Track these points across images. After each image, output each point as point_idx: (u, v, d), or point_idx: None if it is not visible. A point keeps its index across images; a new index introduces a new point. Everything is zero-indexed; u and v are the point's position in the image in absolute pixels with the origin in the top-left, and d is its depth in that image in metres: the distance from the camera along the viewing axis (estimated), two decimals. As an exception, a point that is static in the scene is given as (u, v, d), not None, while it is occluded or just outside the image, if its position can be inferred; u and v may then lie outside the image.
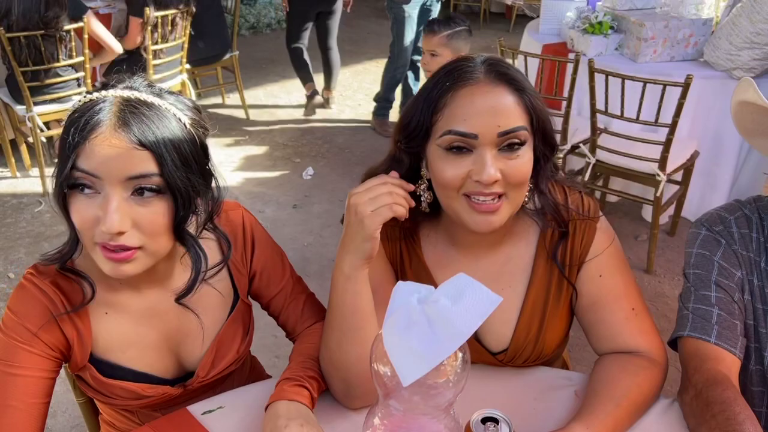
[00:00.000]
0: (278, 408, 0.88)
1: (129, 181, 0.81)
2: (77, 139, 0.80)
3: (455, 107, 0.91)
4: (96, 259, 0.85)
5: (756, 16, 2.69)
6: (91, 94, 0.85)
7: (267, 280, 1.09)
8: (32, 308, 0.90)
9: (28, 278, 0.92)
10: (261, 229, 1.10)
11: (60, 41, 3.07)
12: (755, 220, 1.09)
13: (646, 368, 1.00)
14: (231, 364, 1.07)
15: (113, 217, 0.80)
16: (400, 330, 0.64)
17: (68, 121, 0.83)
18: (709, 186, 3.02)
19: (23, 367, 0.89)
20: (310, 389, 0.93)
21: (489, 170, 0.88)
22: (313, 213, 3.29)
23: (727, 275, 1.07)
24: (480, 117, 0.89)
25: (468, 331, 0.62)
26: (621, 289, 1.05)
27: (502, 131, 0.89)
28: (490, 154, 0.90)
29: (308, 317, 1.12)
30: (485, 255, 1.07)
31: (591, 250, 1.05)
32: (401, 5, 3.85)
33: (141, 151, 0.81)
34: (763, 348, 1.08)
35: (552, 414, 1.00)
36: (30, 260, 2.83)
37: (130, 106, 0.83)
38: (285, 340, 1.29)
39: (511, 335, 1.07)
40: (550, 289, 1.07)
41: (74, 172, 0.80)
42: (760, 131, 1.12)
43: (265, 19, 6.73)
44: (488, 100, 0.90)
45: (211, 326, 1.04)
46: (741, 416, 0.90)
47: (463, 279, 0.66)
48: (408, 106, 0.98)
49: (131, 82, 0.87)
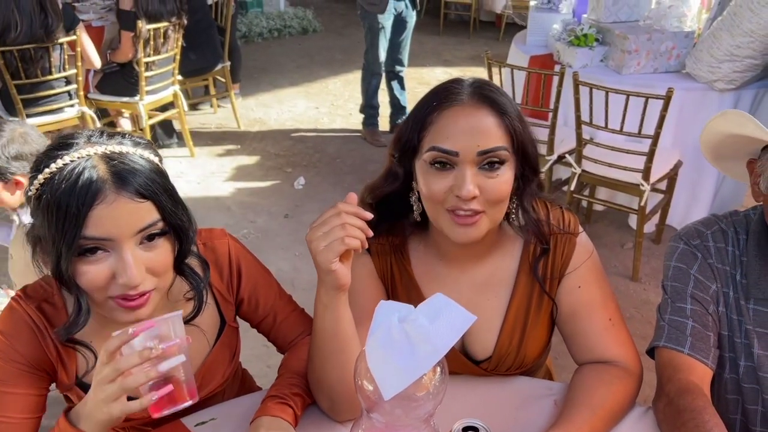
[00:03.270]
0: (261, 422, 0.92)
1: (138, 234, 0.84)
2: (82, 210, 0.80)
3: (440, 126, 0.97)
4: (110, 310, 0.87)
5: (736, 30, 2.76)
6: (58, 158, 0.83)
7: (255, 304, 1.13)
8: (19, 329, 0.93)
9: (17, 300, 0.94)
10: (247, 255, 1.12)
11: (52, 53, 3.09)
12: (731, 234, 1.14)
13: (621, 378, 1.05)
14: (218, 386, 1.10)
15: (133, 271, 0.82)
16: (382, 347, 0.68)
17: (56, 192, 0.80)
18: (693, 194, 3.09)
19: (11, 385, 0.92)
20: (294, 407, 0.97)
21: (468, 186, 0.94)
22: (305, 222, 3.33)
23: (703, 288, 1.12)
24: (462, 136, 0.95)
25: (445, 347, 0.66)
26: (599, 300, 1.10)
27: (482, 150, 0.95)
28: (470, 171, 0.96)
29: (297, 331, 1.16)
30: (471, 267, 1.12)
31: (570, 263, 1.10)
32: (375, 15, 3.90)
33: (143, 203, 0.84)
34: (737, 357, 1.12)
35: (532, 423, 1.04)
36: (23, 272, 2.84)
37: (113, 162, 0.83)
38: (274, 348, 1.34)
39: (495, 343, 1.12)
40: (531, 301, 1.12)
41: (83, 242, 0.81)
42: (732, 156, 1.17)
43: (256, 28, 6.78)
44: (470, 120, 0.96)
45: (198, 354, 1.06)
46: (710, 424, 0.94)
47: (440, 299, 0.71)
48: (402, 123, 1.05)
49: (94, 137, 0.87)
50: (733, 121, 1.09)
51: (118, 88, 3.57)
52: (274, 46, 6.62)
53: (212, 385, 1.09)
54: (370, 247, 1.12)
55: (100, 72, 3.63)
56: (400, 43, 4.15)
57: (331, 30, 7.26)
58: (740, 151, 1.13)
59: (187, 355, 0.82)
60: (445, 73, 5.86)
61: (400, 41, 4.14)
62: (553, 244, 1.10)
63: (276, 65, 5.97)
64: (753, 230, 1.12)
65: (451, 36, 7.09)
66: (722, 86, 2.87)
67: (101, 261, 0.83)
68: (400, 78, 4.34)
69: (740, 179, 1.19)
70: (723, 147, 1.15)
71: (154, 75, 3.57)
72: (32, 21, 2.97)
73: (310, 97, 5.17)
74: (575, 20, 3.42)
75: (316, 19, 7.29)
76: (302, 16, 7.21)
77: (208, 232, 1.07)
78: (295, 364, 1.07)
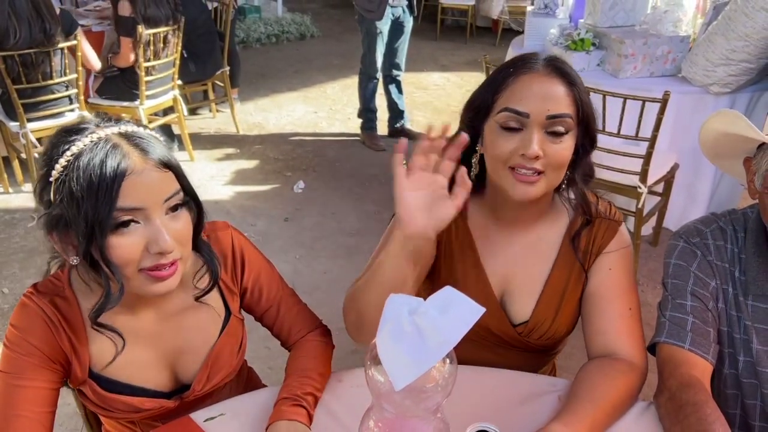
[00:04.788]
0: (279, 427, 0.94)
1: (165, 202, 0.88)
2: (116, 182, 0.83)
3: (515, 89, 1.06)
4: (138, 284, 0.90)
5: (731, 34, 2.79)
6: (74, 143, 0.85)
7: (258, 295, 1.14)
8: (33, 324, 0.94)
9: (29, 296, 0.96)
10: (250, 246, 1.15)
11: (53, 58, 3.11)
12: (729, 232, 1.16)
13: (625, 372, 1.07)
14: (225, 377, 1.11)
15: (165, 237, 0.86)
16: (393, 339, 0.70)
17: (84, 175, 0.82)
18: (689, 197, 3.12)
19: (28, 378, 0.93)
20: (307, 407, 0.99)
21: (534, 146, 1.02)
22: (305, 226, 3.35)
23: (703, 285, 1.14)
24: (534, 99, 1.04)
25: (454, 339, 0.68)
26: (624, 288, 1.15)
27: (551, 114, 1.03)
28: (537, 134, 1.03)
29: (301, 327, 1.17)
30: (520, 231, 1.18)
31: (609, 245, 1.17)
32: (372, 21, 3.93)
33: (166, 173, 0.89)
34: (737, 353, 1.14)
35: (537, 418, 1.05)
36: (24, 275, 2.85)
37: (133, 138, 0.87)
38: (278, 351, 1.35)
39: (533, 308, 1.18)
40: (571, 274, 1.18)
41: (118, 213, 0.84)
42: (729, 155, 1.20)
43: (254, 34, 6.81)
44: (543, 86, 1.05)
45: (205, 343, 1.08)
46: (711, 417, 0.96)
47: (450, 292, 0.72)
48: (476, 89, 1.14)
49: (102, 122, 0.89)
50: (727, 121, 1.11)
51: (118, 93, 3.59)
52: (273, 52, 6.65)
53: (220, 374, 1.10)
54: None
55: (100, 76, 3.64)
56: (397, 47, 4.18)
57: (329, 35, 7.29)
58: (737, 149, 1.15)
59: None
60: (442, 77, 5.89)
61: (397, 46, 4.17)
62: (597, 224, 1.17)
63: (274, 70, 5.99)
64: (751, 228, 1.14)
65: (448, 41, 7.13)
66: (718, 90, 2.90)
67: (134, 233, 0.86)
68: (397, 82, 4.36)
69: (738, 177, 1.21)
70: (720, 145, 1.18)
71: (155, 79, 3.58)
72: (30, 26, 2.98)
73: (309, 102, 5.19)
74: (572, 25, 3.45)
75: (314, 24, 7.32)
76: (300, 21, 7.24)
77: (211, 225, 1.10)
78: (303, 362, 1.09)
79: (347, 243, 3.19)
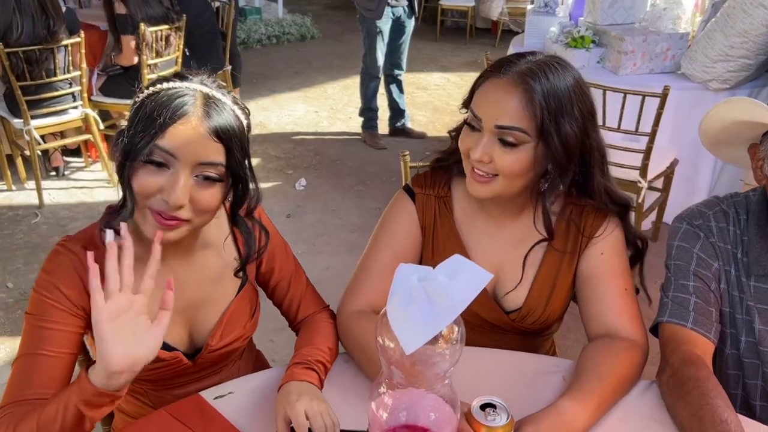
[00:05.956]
0: (290, 387, 0.97)
1: (198, 166, 0.91)
2: (166, 121, 0.89)
3: (481, 91, 1.08)
4: (143, 219, 0.94)
5: (730, 30, 2.82)
6: (171, 82, 0.94)
7: (272, 265, 1.18)
8: (62, 268, 0.98)
9: (61, 244, 1.00)
10: (267, 219, 1.18)
11: (57, 55, 3.13)
12: (732, 215, 1.18)
13: (627, 349, 1.09)
14: (237, 339, 1.14)
15: (179, 193, 0.90)
16: (403, 306, 0.71)
17: (154, 102, 0.90)
18: (689, 192, 3.14)
19: (52, 321, 0.96)
20: (318, 371, 1.02)
21: (478, 152, 1.05)
22: (306, 222, 3.36)
23: (705, 266, 1.16)
24: (488, 106, 1.05)
25: (463, 303, 0.69)
26: (618, 270, 1.17)
27: (499, 125, 1.04)
28: (487, 140, 1.05)
29: (310, 305, 1.21)
30: (509, 223, 1.20)
31: (599, 230, 1.17)
32: (373, 20, 3.96)
33: (215, 143, 0.92)
34: (739, 333, 1.16)
35: (541, 397, 1.06)
36: (27, 270, 2.86)
37: (209, 101, 0.93)
38: (281, 344, 1.37)
39: (526, 296, 1.19)
40: (562, 261, 1.19)
41: (154, 149, 0.89)
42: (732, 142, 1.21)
43: (255, 35, 6.84)
44: (499, 95, 1.04)
45: (222, 300, 1.12)
46: (713, 392, 0.98)
47: (459, 259, 0.74)
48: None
49: (202, 79, 0.97)
50: (739, 108, 1.11)
51: (120, 91, 3.60)
52: (273, 53, 6.68)
53: (233, 334, 1.13)
54: (415, 197, 1.22)
55: (103, 75, 3.66)
56: (398, 47, 4.20)
57: (329, 37, 7.32)
58: (741, 137, 1.17)
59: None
60: (442, 78, 5.92)
61: (398, 46, 4.19)
62: (587, 210, 1.18)
63: (275, 71, 6.02)
64: (753, 210, 1.16)
65: (448, 42, 7.17)
66: (717, 86, 2.93)
67: (158, 174, 0.91)
68: (398, 82, 4.39)
69: (736, 164, 1.23)
70: (724, 133, 1.19)
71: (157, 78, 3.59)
72: (34, 22, 3.01)
73: (310, 102, 5.22)
74: (572, 23, 3.48)
75: (314, 26, 7.35)
76: (300, 23, 7.27)
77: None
78: (313, 336, 1.12)
79: (349, 239, 3.21)
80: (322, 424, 0.91)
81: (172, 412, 1.02)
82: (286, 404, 0.93)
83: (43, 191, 3.40)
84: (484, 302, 1.19)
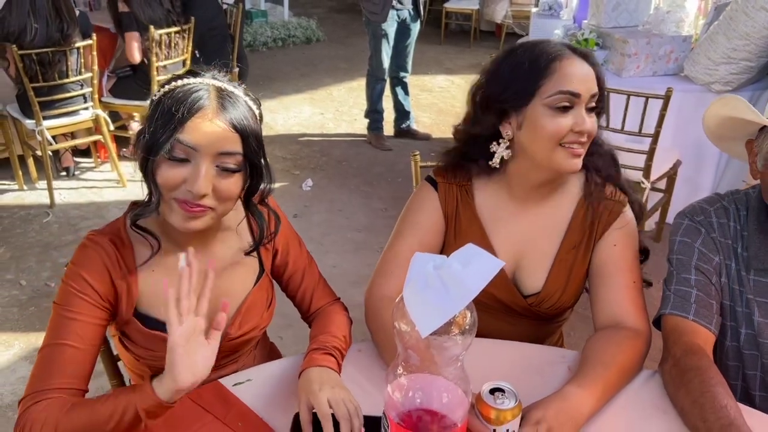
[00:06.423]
0: (311, 374, 1.01)
1: (218, 156, 0.96)
2: (185, 115, 0.93)
3: (564, 73, 1.12)
4: (170, 210, 0.98)
5: (732, 33, 2.86)
6: (185, 79, 0.99)
7: (286, 256, 1.23)
8: (90, 262, 1.02)
9: (90, 238, 1.05)
10: (281, 212, 1.23)
11: (69, 57, 3.19)
12: (732, 211, 1.22)
13: (631, 338, 1.13)
14: (254, 328, 1.19)
15: (202, 183, 0.95)
16: (419, 292, 0.76)
17: (171, 99, 0.95)
18: (691, 193, 3.16)
19: (78, 312, 1.00)
20: (336, 357, 1.07)
21: (587, 123, 1.12)
22: (313, 222, 3.41)
23: (706, 260, 1.19)
24: (582, 80, 1.12)
25: (476, 289, 0.73)
26: (628, 262, 1.22)
27: (594, 93, 1.13)
28: (584, 111, 1.12)
29: (322, 297, 1.25)
30: (533, 207, 1.25)
31: (614, 224, 1.23)
32: (378, 23, 4.01)
33: (232, 134, 0.96)
34: (738, 326, 1.20)
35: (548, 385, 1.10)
36: (40, 268, 2.91)
37: (223, 94, 0.98)
38: (289, 341, 1.42)
39: (545, 280, 1.25)
40: (579, 249, 1.24)
41: (175, 143, 0.94)
42: (732, 137, 1.26)
43: (261, 37, 6.89)
44: (584, 68, 1.13)
45: (241, 291, 1.16)
46: (714, 380, 1.01)
47: (472, 248, 0.78)
48: (498, 77, 1.18)
49: (214, 74, 1.02)
50: (730, 105, 1.17)
51: (130, 92, 3.66)
52: (279, 55, 6.73)
53: (251, 323, 1.18)
54: (437, 186, 1.27)
55: (113, 77, 3.72)
56: (403, 50, 4.25)
57: (334, 40, 7.38)
58: (739, 132, 1.21)
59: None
60: (446, 80, 5.97)
61: (403, 48, 4.24)
62: (603, 204, 1.24)
63: (281, 73, 6.07)
64: (753, 206, 1.20)
65: (452, 45, 7.21)
66: (719, 88, 2.96)
67: (182, 168, 0.96)
68: (404, 84, 4.43)
69: (738, 157, 1.27)
70: (723, 129, 1.24)
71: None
72: (48, 25, 3.07)
73: (315, 104, 5.26)
74: (576, 26, 3.52)
75: (320, 29, 7.40)
76: (306, 26, 7.33)
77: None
78: (328, 325, 1.16)
79: (355, 238, 3.25)
80: (345, 411, 0.95)
81: (193, 398, 1.06)
82: (309, 393, 0.97)
83: (54, 191, 3.45)
84: (504, 285, 1.25)
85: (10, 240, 3.14)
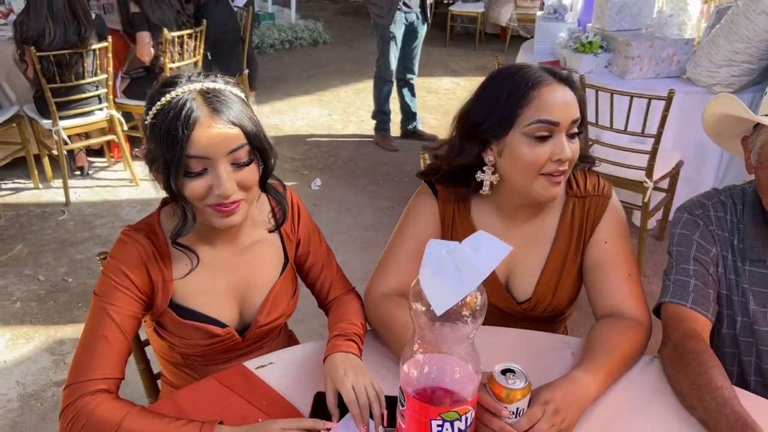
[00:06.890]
0: (336, 360, 1.07)
1: (230, 154, 1.01)
2: (185, 133, 0.97)
3: (542, 101, 1.11)
4: (208, 216, 1.04)
5: (733, 36, 2.91)
6: (166, 94, 0.99)
7: (308, 247, 1.30)
8: (128, 256, 1.09)
9: (126, 233, 1.11)
10: (304, 207, 1.30)
11: (86, 59, 3.27)
12: (729, 205, 1.28)
13: (632, 327, 1.19)
14: (281, 316, 1.26)
15: (226, 185, 1.00)
16: (433, 274, 0.82)
17: (164, 119, 0.98)
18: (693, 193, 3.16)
19: (118, 305, 1.07)
20: (357, 343, 1.14)
21: (566, 151, 1.12)
22: (322, 221, 3.47)
23: (704, 251, 1.26)
24: (560, 108, 1.11)
25: (487, 270, 0.80)
26: (621, 256, 1.27)
27: (574, 119, 1.13)
28: (565, 138, 1.13)
29: (339, 286, 1.32)
30: (521, 224, 1.30)
31: (602, 220, 1.27)
32: (386, 26, 4.08)
33: (233, 129, 1.01)
34: (735, 314, 1.26)
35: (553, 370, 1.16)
36: (57, 264, 2.99)
37: (209, 96, 1.01)
38: (301, 335, 1.49)
39: (534, 287, 1.30)
40: (567, 254, 1.30)
41: (188, 160, 0.98)
42: (729, 135, 1.32)
43: (268, 39, 6.98)
44: (565, 95, 1.13)
45: (268, 281, 1.23)
46: (710, 363, 1.08)
47: (482, 235, 0.85)
48: (479, 106, 1.18)
49: (189, 75, 1.04)
50: (725, 103, 1.23)
51: (143, 94, 3.67)
52: (286, 57, 6.82)
53: (277, 312, 1.25)
54: (437, 192, 1.30)
55: (127, 78, 3.80)
56: (410, 52, 4.32)
57: (341, 42, 7.46)
58: (734, 129, 1.27)
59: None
60: (452, 82, 6.04)
61: (411, 50, 4.31)
62: (588, 201, 1.28)
63: (288, 75, 6.15)
64: (749, 200, 1.26)
65: (457, 47, 7.28)
66: (721, 90, 3.01)
67: (203, 178, 1.01)
68: (410, 85, 4.50)
69: (736, 154, 1.33)
70: (720, 126, 1.30)
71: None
72: (66, 28, 3.15)
73: (323, 105, 5.34)
74: (580, 29, 3.58)
75: (326, 31, 7.49)
76: (313, 28, 7.41)
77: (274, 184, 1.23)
78: (346, 313, 1.23)
79: (364, 237, 3.32)
80: (365, 399, 1.01)
81: (219, 379, 1.13)
82: (335, 379, 1.03)
83: (69, 189, 3.54)
84: (498, 293, 1.31)
85: (27, 237, 3.22)
